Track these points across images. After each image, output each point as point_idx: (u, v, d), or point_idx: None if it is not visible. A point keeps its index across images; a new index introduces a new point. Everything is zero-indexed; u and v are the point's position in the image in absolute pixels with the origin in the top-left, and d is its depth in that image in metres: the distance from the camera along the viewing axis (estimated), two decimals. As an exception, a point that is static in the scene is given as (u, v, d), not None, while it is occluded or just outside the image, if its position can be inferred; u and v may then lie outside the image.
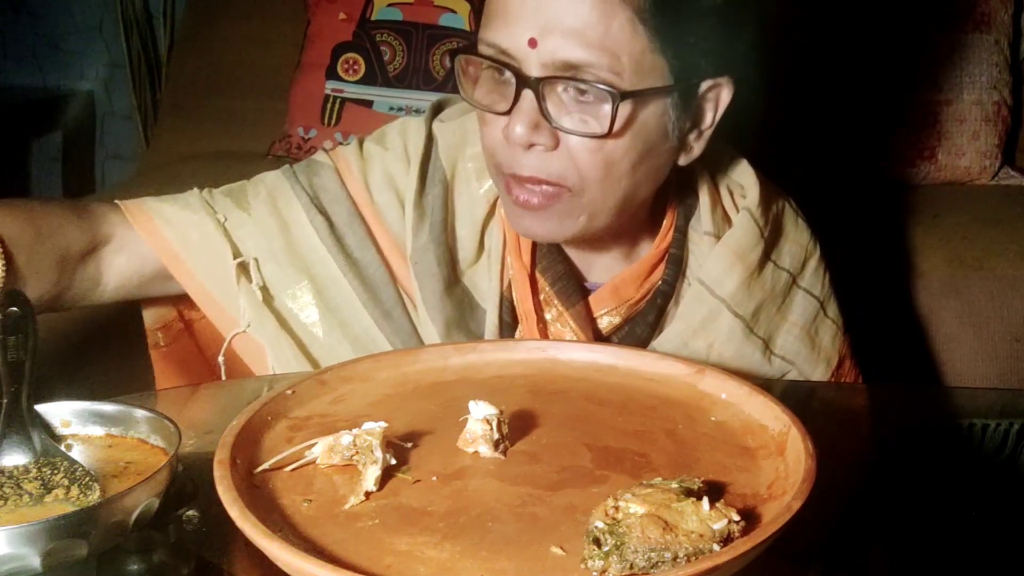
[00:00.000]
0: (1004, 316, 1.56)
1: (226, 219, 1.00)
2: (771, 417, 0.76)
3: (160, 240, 0.97)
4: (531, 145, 0.88)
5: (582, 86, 0.85)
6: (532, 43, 0.85)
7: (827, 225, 1.12)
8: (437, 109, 1.06)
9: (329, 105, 2.01)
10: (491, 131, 0.91)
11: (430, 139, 1.02)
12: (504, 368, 0.87)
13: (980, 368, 1.56)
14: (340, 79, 2.01)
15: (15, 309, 0.73)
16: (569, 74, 0.85)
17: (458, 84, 0.92)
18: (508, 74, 0.88)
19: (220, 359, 1.00)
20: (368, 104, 2.00)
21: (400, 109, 1.99)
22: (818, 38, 1.90)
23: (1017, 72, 1.96)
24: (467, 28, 1.98)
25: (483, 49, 0.89)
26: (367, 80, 2.00)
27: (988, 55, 1.93)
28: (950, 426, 1.00)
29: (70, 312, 1.60)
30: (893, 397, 1.09)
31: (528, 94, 0.86)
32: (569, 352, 0.89)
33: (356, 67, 2.01)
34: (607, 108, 0.86)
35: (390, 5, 2.01)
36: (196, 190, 1.02)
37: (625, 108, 0.86)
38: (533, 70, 0.86)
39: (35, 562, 0.59)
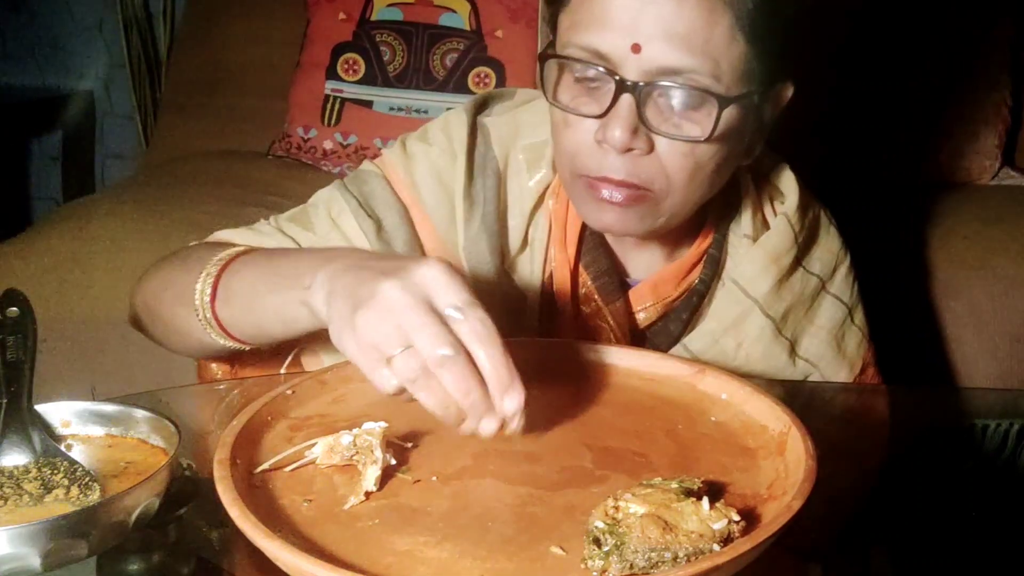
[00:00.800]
0: (1004, 316, 1.56)
1: (296, 242, 0.99)
2: (771, 417, 0.76)
3: None
4: (628, 149, 0.88)
5: (686, 91, 0.86)
6: (636, 48, 0.84)
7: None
8: (481, 103, 1.07)
9: (329, 105, 2.01)
10: (574, 134, 0.90)
11: (473, 130, 1.03)
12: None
13: (981, 368, 1.56)
14: (340, 79, 2.01)
15: (15, 309, 0.73)
16: (671, 80, 0.85)
17: (542, 86, 0.92)
18: (602, 77, 0.87)
19: (282, 372, 1.00)
20: (368, 104, 2.00)
21: (400, 109, 1.99)
22: (815, 40, 1.90)
23: (1017, 72, 1.96)
24: (467, 28, 1.98)
25: (575, 52, 0.88)
26: (367, 80, 2.00)
27: (988, 55, 1.93)
28: (950, 426, 1.00)
29: (70, 312, 1.61)
30: (893, 397, 1.09)
31: (627, 98, 0.86)
32: (570, 352, 0.89)
33: (356, 67, 2.01)
34: (706, 113, 0.86)
35: (390, 5, 2.02)
36: (263, 220, 1.02)
37: (725, 114, 0.86)
38: (632, 74, 0.86)
39: (35, 562, 0.59)
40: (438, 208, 1.01)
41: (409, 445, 0.74)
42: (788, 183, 1.06)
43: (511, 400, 0.68)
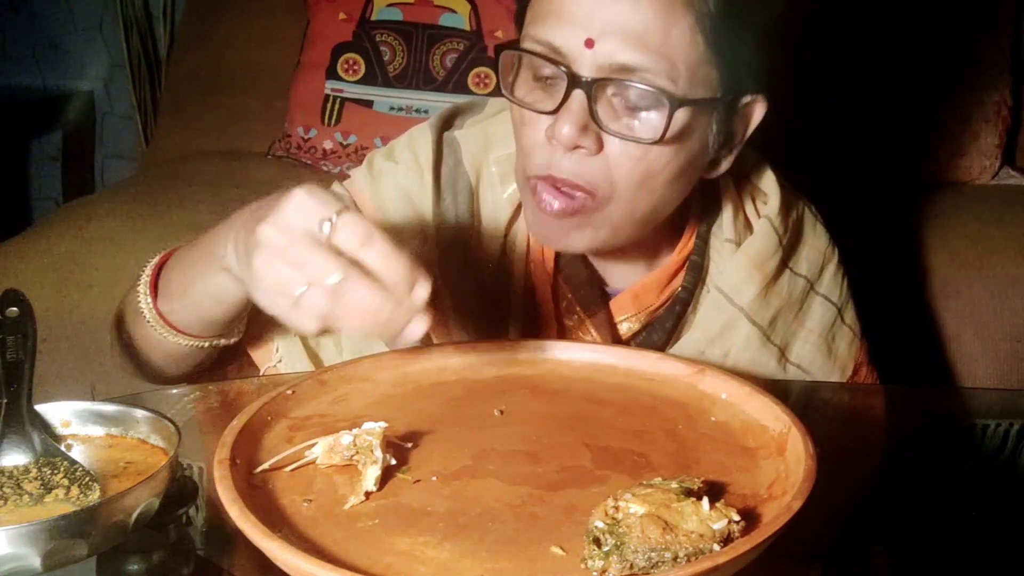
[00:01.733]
0: (1004, 316, 1.56)
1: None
2: (771, 417, 0.76)
3: None
4: (575, 147, 0.86)
5: (639, 88, 0.84)
6: (589, 43, 0.83)
7: (827, 226, 1.12)
8: (448, 117, 1.05)
9: (329, 105, 2.01)
10: (532, 131, 0.89)
11: (439, 146, 1.02)
12: (504, 368, 0.87)
13: (980, 368, 1.56)
14: (340, 79, 2.01)
15: (15, 309, 0.73)
16: (624, 77, 0.84)
17: (500, 79, 0.91)
18: (557, 73, 0.86)
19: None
20: (368, 104, 2.00)
21: (400, 109, 1.99)
22: (815, 39, 1.90)
23: (1017, 72, 1.96)
24: (467, 28, 1.98)
25: (532, 46, 0.87)
26: (367, 80, 2.00)
27: (988, 55, 1.93)
28: (950, 426, 1.00)
29: (70, 312, 1.61)
30: (893, 397, 1.09)
31: (578, 94, 0.84)
32: (569, 352, 0.89)
33: (356, 67, 2.01)
34: (658, 115, 0.85)
35: (390, 5, 2.02)
36: None
37: (678, 116, 0.84)
38: (585, 70, 0.84)
39: (35, 562, 0.59)
40: (406, 228, 1.00)
41: (409, 445, 0.74)
42: (769, 183, 1.04)
43: (419, 290, 0.69)
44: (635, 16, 0.82)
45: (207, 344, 0.93)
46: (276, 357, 0.98)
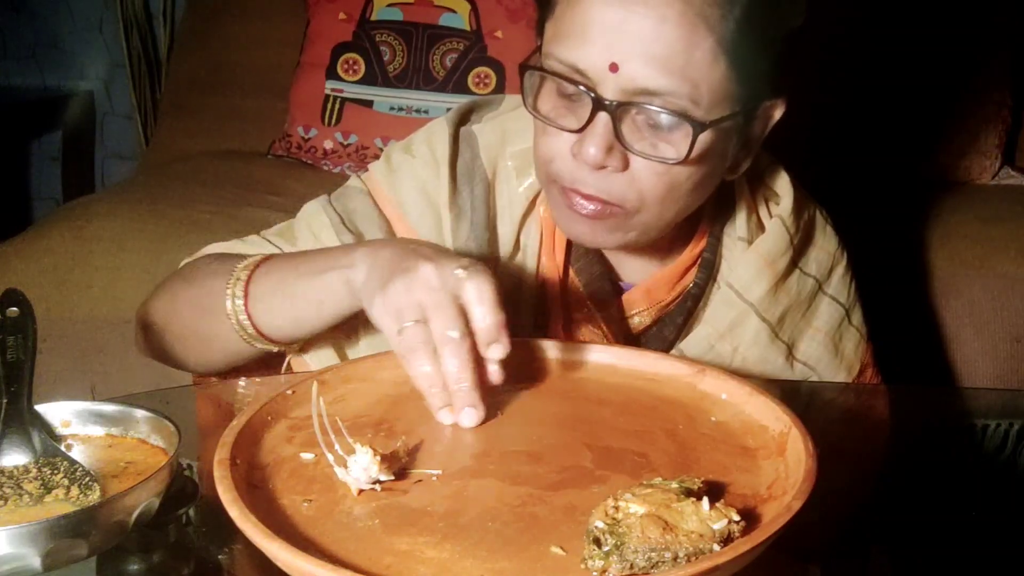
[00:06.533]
0: (1004, 316, 1.56)
1: (281, 252, 1.00)
2: (771, 417, 0.76)
3: None
4: (602, 167, 0.87)
5: (662, 114, 0.85)
6: (613, 68, 0.84)
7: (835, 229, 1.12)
8: (465, 112, 1.06)
9: (329, 105, 2.01)
10: (551, 142, 0.90)
11: (456, 140, 1.02)
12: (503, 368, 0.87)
13: (980, 368, 1.56)
14: (340, 79, 2.01)
15: (15, 309, 0.73)
16: (648, 101, 0.85)
17: (523, 95, 0.92)
18: (581, 93, 0.87)
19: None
20: (368, 104, 2.00)
21: (400, 109, 1.99)
22: (814, 41, 1.90)
23: (1017, 72, 1.96)
24: (467, 28, 1.98)
25: (554, 66, 0.88)
26: (367, 80, 2.00)
27: (989, 55, 1.93)
28: (950, 426, 1.01)
29: (70, 312, 1.61)
30: (893, 397, 1.09)
31: (604, 117, 0.85)
32: (569, 352, 0.89)
33: (356, 67, 2.01)
34: (682, 135, 0.85)
35: (390, 5, 2.02)
36: (253, 235, 1.03)
37: (701, 138, 0.85)
38: (610, 93, 0.85)
39: (35, 562, 0.59)
40: (424, 221, 1.01)
41: (400, 443, 0.73)
42: (783, 184, 1.05)
43: (495, 349, 0.77)
44: (658, 40, 0.83)
45: (275, 350, 0.95)
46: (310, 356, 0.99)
